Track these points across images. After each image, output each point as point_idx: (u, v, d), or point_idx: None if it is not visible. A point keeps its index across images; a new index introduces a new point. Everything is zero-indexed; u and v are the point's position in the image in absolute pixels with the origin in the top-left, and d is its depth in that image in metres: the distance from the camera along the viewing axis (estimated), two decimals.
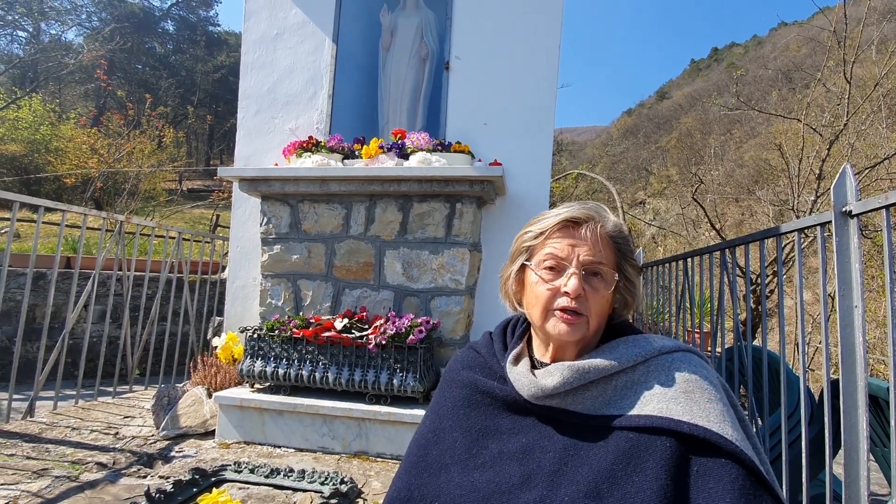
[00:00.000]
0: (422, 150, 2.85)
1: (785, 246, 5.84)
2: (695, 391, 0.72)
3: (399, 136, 3.01)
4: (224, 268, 4.99)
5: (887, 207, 1.51)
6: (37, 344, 4.96)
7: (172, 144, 13.47)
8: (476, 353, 0.96)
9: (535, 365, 0.87)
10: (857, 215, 1.61)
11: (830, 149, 6.64)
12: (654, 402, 0.72)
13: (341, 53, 3.37)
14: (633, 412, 0.72)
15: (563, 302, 0.79)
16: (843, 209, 1.64)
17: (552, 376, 0.78)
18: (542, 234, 0.83)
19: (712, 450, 0.66)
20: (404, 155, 2.92)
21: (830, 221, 1.67)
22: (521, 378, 0.81)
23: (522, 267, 0.87)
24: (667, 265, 3.51)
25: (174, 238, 3.88)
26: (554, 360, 0.84)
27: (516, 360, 0.87)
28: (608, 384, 0.77)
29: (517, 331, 0.92)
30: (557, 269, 0.81)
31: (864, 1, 6.38)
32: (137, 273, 4.63)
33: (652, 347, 0.78)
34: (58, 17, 20.46)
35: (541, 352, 0.87)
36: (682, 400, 0.71)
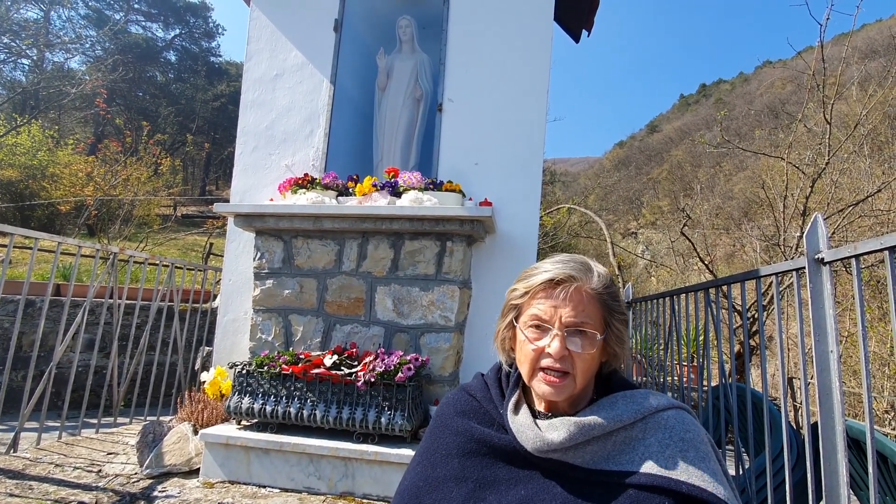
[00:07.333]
0: (414, 188, 2.93)
1: (765, 290, 5.92)
2: (689, 450, 0.76)
3: (392, 174, 3.09)
4: (215, 296, 4.99)
5: (857, 257, 1.57)
6: (23, 373, 4.89)
7: (169, 171, 13.57)
8: (470, 396, 0.94)
9: (534, 413, 0.87)
10: (829, 263, 1.68)
11: (814, 186, 6.83)
12: (652, 461, 0.75)
13: (338, 93, 3.48)
14: (634, 469, 0.75)
15: (547, 362, 0.80)
16: (816, 256, 1.71)
17: (557, 431, 0.79)
18: (527, 293, 0.84)
19: None
20: (397, 193, 2.99)
21: (804, 267, 1.73)
22: (526, 430, 0.81)
23: (514, 321, 0.88)
24: (655, 301, 3.56)
25: (167, 267, 3.90)
26: (548, 410, 0.86)
27: (516, 408, 0.86)
28: (608, 440, 0.79)
29: (512, 376, 0.91)
30: (543, 329, 0.82)
31: (847, 40, 6.68)
32: (128, 301, 4.62)
33: (649, 405, 0.81)
34: (62, 46, 20.88)
35: (536, 400, 0.88)
36: (678, 459, 0.74)
